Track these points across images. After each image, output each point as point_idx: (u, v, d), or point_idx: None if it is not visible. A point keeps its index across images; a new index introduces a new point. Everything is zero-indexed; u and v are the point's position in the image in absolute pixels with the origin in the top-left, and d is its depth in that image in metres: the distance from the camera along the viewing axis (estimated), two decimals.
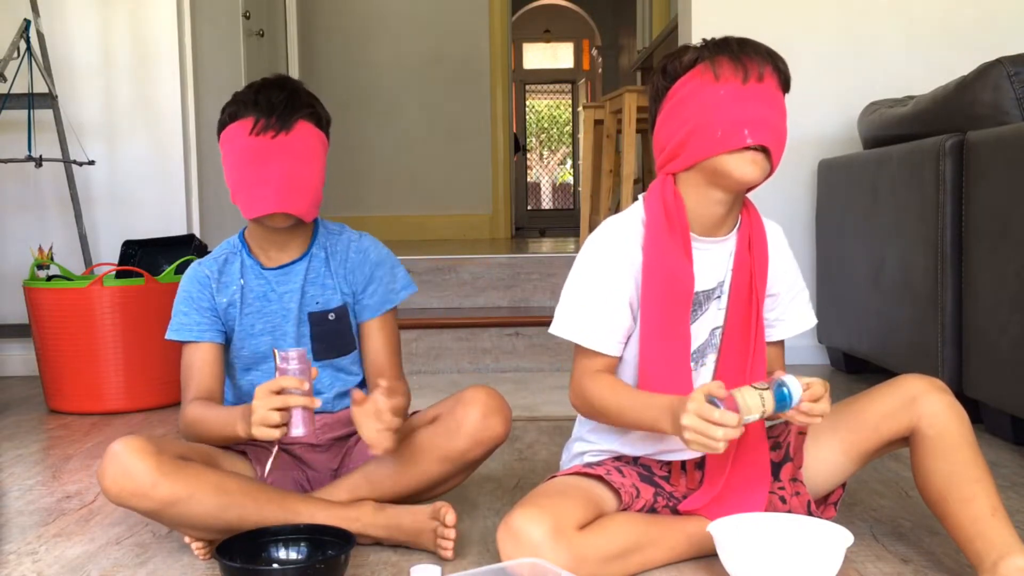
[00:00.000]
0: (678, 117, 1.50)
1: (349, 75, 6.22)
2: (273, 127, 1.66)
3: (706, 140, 1.46)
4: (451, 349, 3.48)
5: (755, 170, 1.46)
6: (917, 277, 2.57)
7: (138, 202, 3.60)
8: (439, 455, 1.69)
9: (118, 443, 1.55)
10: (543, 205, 13.48)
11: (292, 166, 1.67)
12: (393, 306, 1.81)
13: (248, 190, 1.68)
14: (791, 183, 3.44)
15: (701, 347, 1.57)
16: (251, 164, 1.67)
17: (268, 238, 1.77)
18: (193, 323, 1.76)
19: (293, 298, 1.77)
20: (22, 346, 3.53)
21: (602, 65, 11.84)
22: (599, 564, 1.42)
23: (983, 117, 2.38)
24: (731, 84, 1.45)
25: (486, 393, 1.70)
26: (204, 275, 1.78)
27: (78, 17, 3.57)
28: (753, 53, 1.47)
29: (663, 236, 1.51)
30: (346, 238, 1.82)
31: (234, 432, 1.59)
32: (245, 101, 1.69)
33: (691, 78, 1.49)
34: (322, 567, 1.45)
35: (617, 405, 1.51)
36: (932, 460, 1.46)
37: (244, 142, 1.67)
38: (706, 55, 1.48)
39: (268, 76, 1.77)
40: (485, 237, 6.41)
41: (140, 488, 1.52)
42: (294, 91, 1.71)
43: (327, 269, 1.80)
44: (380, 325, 1.80)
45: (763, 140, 1.44)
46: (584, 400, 1.56)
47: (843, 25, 3.46)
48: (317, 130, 1.72)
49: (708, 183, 1.51)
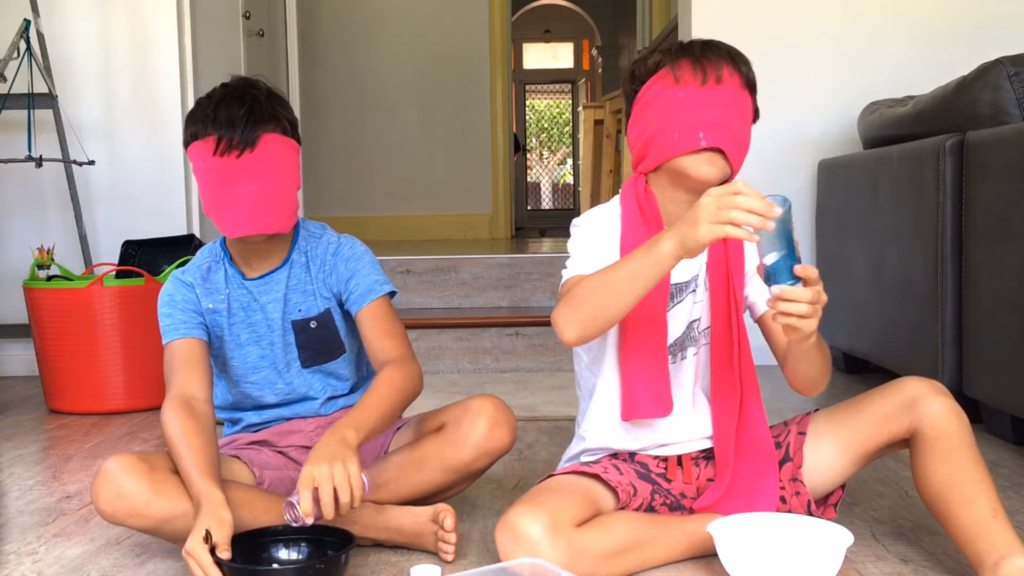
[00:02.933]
0: (643, 120, 1.55)
1: (349, 75, 6.22)
2: (236, 147, 1.59)
3: (665, 142, 1.51)
4: (451, 349, 3.47)
5: (712, 170, 1.49)
6: (917, 277, 2.57)
7: (138, 202, 3.60)
8: (444, 465, 1.68)
9: (110, 462, 1.53)
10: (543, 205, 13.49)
11: (261, 185, 1.62)
12: (381, 295, 1.74)
13: (219, 211, 1.64)
14: (791, 183, 3.44)
15: (679, 340, 1.59)
16: (219, 185, 1.62)
17: (248, 249, 1.74)
18: (177, 322, 1.71)
19: (276, 308, 1.75)
20: (22, 346, 3.53)
21: (602, 65, 11.84)
22: (597, 561, 1.43)
23: (983, 117, 2.38)
24: (690, 87, 1.49)
25: (493, 404, 1.69)
26: (187, 282, 1.75)
27: (78, 17, 3.57)
28: (713, 55, 1.50)
29: (638, 229, 1.56)
30: (325, 240, 1.78)
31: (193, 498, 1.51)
32: (205, 120, 1.62)
33: (655, 82, 1.54)
34: (322, 567, 1.45)
35: (609, 269, 1.44)
36: (932, 462, 1.46)
37: (209, 163, 1.61)
38: (669, 59, 1.52)
39: (229, 82, 1.68)
40: (485, 237, 6.41)
41: (135, 508, 1.51)
42: (255, 102, 1.63)
43: (308, 274, 1.76)
44: (374, 311, 1.73)
45: (717, 142, 1.48)
46: (573, 295, 1.45)
47: (843, 25, 3.46)
48: (284, 138, 1.66)
49: (672, 183, 1.55)
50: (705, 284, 1.60)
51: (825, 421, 1.60)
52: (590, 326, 1.44)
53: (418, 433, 1.76)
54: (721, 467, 1.58)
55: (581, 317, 1.43)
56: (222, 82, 1.69)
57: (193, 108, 1.66)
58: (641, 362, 1.54)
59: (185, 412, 1.59)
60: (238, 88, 1.65)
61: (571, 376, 1.72)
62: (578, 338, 1.45)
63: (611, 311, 1.42)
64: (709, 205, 1.28)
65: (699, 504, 1.58)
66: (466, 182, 6.43)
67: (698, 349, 1.61)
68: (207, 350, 1.73)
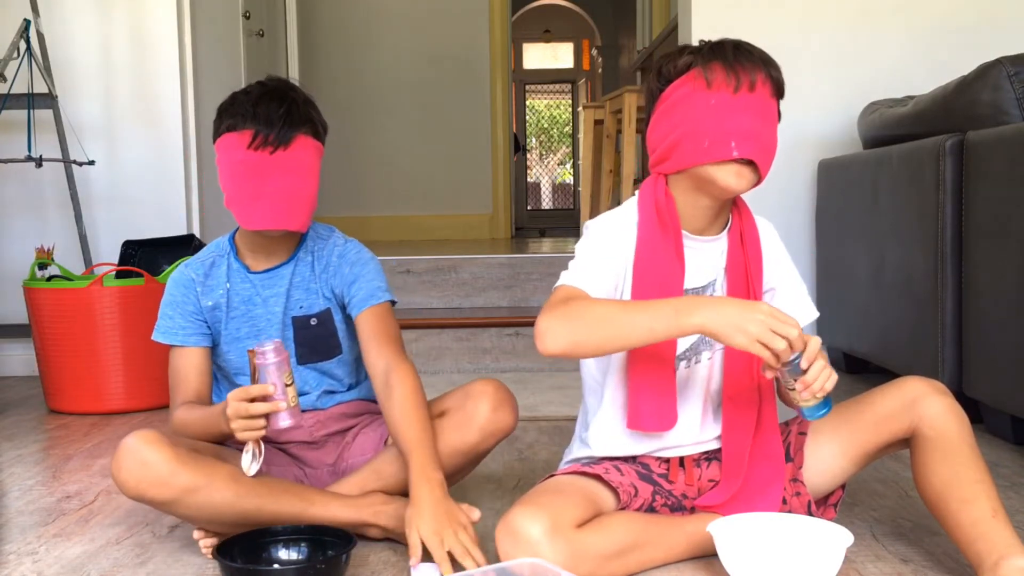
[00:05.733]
0: (669, 121, 1.51)
1: (349, 75, 6.22)
2: (272, 143, 1.65)
3: (694, 148, 1.47)
4: (451, 349, 3.48)
5: (740, 182, 1.47)
6: (917, 277, 2.57)
7: (138, 202, 3.59)
8: (451, 449, 1.70)
9: (131, 437, 1.56)
10: (543, 205, 13.48)
11: (289, 182, 1.67)
12: (382, 301, 1.77)
13: (244, 204, 1.68)
14: (791, 183, 3.44)
15: (694, 345, 1.58)
16: (248, 178, 1.67)
17: (259, 243, 1.78)
18: (178, 327, 1.77)
19: (278, 302, 1.78)
20: (22, 346, 3.53)
21: (602, 65, 11.84)
22: (597, 562, 1.42)
23: (983, 117, 2.38)
24: (722, 93, 1.46)
25: (494, 386, 1.72)
26: (189, 278, 1.79)
27: (78, 17, 3.57)
28: (747, 60, 1.47)
29: (655, 235, 1.53)
30: (332, 242, 1.83)
31: (219, 430, 1.63)
32: (244, 113, 1.67)
33: (684, 82, 1.50)
34: (322, 567, 1.45)
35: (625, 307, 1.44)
36: (932, 462, 1.46)
37: (241, 155, 1.66)
38: (700, 60, 1.48)
39: (267, 81, 1.74)
40: (485, 237, 6.41)
41: (159, 477, 1.53)
42: (293, 103, 1.69)
43: (312, 273, 1.80)
44: (374, 316, 1.76)
45: (749, 153, 1.45)
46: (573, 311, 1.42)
47: (843, 25, 3.46)
48: (315, 141, 1.72)
49: (695, 189, 1.53)
50: (723, 290, 1.58)
51: (825, 421, 1.60)
52: (579, 349, 1.43)
53: None
54: (731, 472, 1.57)
55: (576, 339, 1.41)
56: (258, 80, 1.75)
57: (228, 101, 1.71)
58: (648, 376, 1.53)
59: (190, 406, 1.73)
60: (277, 88, 1.71)
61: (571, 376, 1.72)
62: (560, 353, 1.42)
63: (610, 347, 1.44)
64: (763, 324, 1.32)
65: (701, 501, 1.58)
66: (466, 182, 6.43)
67: (712, 354, 1.60)
68: (210, 357, 1.80)
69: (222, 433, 1.63)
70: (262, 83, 1.73)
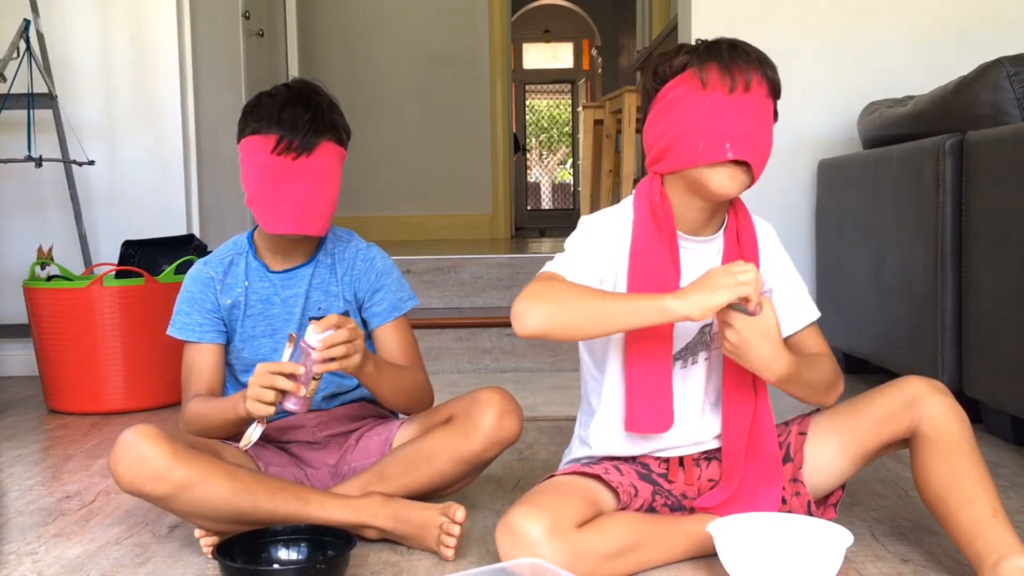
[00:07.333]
0: (664, 121, 1.51)
1: (349, 75, 6.21)
2: (295, 149, 1.65)
3: (688, 149, 1.47)
4: (451, 349, 3.48)
5: (733, 184, 1.47)
6: (917, 277, 2.57)
7: (138, 202, 3.59)
8: (456, 456, 1.71)
9: (129, 431, 1.56)
10: (543, 205, 13.49)
11: (311, 189, 1.68)
12: (403, 313, 1.85)
13: (265, 207, 1.69)
14: (791, 183, 3.44)
15: (691, 345, 1.58)
16: (270, 183, 1.67)
17: (278, 244, 1.79)
18: (195, 323, 1.78)
19: (297, 302, 1.79)
20: (22, 346, 3.53)
21: (602, 65, 11.84)
22: (597, 562, 1.42)
23: (983, 117, 2.38)
24: (717, 94, 1.45)
25: (500, 395, 1.74)
26: (208, 276, 1.80)
27: (78, 17, 3.57)
28: (742, 60, 1.47)
29: (650, 235, 1.53)
30: (354, 246, 1.84)
31: (236, 414, 1.62)
32: (269, 118, 1.67)
33: (680, 83, 1.50)
34: (322, 567, 1.45)
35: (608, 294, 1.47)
36: (932, 462, 1.46)
37: (265, 159, 1.67)
38: (696, 60, 1.48)
39: (293, 84, 1.74)
40: (485, 237, 6.41)
41: (156, 472, 1.53)
42: (318, 109, 1.69)
43: (332, 275, 1.81)
44: (393, 329, 1.84)
45: (744, 155, 1.45)
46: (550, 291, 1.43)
47: (843, 25, 3.46)
48: (337, 147, 1.72)
49: (689, 190, 1.53)
50: None
51: (825, 421, 1.60)
52: (555, 330, 1.41)
53: (424, 427, 1.79)
54: (729, 472, 1.57)
55: (552, 318, 1.40)
56: (284, 82, 1.75)
57: (253, 103, 1.71)
58: (644, 377, 1.53)
59: (204, 398, 1.75)
60: (303, 92, 1.71)
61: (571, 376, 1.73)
62: (536, 333, 1.40)
63: (588, 331, 1.44)
64: (723, 275, 1.37)
65: (700, 503, 1.58)
66: (466, 182, 6.43)
67: (709, 353, 1.60)
68: (223, 354, 1.81)
69: (237, 418, 1.63)
70: (288, 86, 1.73)
